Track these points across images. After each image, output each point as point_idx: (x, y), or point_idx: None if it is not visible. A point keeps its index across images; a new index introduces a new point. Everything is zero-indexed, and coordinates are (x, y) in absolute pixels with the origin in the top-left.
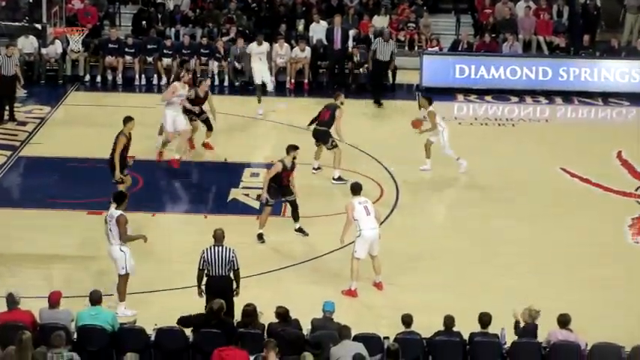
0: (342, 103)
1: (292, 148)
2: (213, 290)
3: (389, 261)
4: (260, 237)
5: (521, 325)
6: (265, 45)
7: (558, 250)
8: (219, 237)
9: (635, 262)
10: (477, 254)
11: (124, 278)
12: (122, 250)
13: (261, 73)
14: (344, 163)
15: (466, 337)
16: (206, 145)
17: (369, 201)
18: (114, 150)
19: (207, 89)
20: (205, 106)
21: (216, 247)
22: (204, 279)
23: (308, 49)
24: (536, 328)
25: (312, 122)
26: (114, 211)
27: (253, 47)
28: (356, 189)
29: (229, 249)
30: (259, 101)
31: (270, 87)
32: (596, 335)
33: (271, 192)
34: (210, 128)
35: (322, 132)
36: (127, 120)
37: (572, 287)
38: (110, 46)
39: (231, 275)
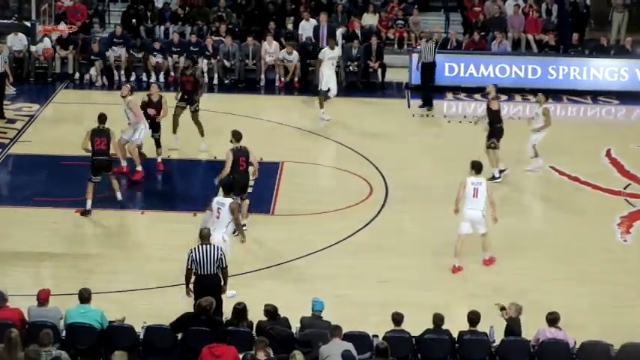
0: (488, 92)
1: (240, 135)
2: (202, 289)
3: (379, 258)
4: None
5: (506, 317)
6: (337, 50)
7: (546, 247)
8: (205, 235)
9: (623, 260)
10: (466, 251)
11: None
12: (225, 240)
13: (329, 79)
14: (340, 162)
15: (455, 335)
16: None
17: (484, 184)
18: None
19: (158, 92)
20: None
21: (203, 246)
22: (193, 278)
23: (295, 53)
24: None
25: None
26: (224, 199)
27: (326, 52)
28: (476, 167)
29: (217, 247)
30: (322, 106)
31: (332, 94)
32: (584, 333)
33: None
34: (158, 144)
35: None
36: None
37: (560, 285)
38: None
39: (219, 273)
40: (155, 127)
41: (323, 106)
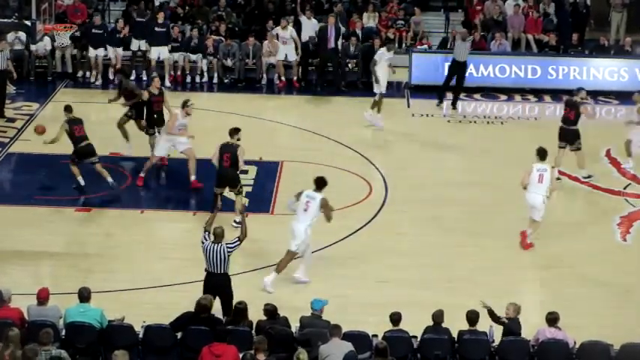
0: (582, 99)
1: (235, 131)
2: (210, 286)
3: (378, 258)
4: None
5: (505, 318)
6: (392, 52)
7: (547, 248)
8: (219, 235)
9: (623, 261)
10: (465, 252)
11: (290, 254)
12: (307, 232)
13: (385, 81)
14: (340, 162)
15: (454, 334)
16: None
17: (549, 170)
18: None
19: (159, 86)
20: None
21: (214, 245)
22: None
23: (290, 29)
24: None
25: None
26: (315, 193)
27: (383, 53)
28: (541, 154)
29: (224, 247)
30: (379, 110)
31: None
32: (584, 333)
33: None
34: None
35: (572, 132)
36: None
37: (560, 285)
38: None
39: (228, 272)
40: (160, 122)
41: (380, 110)
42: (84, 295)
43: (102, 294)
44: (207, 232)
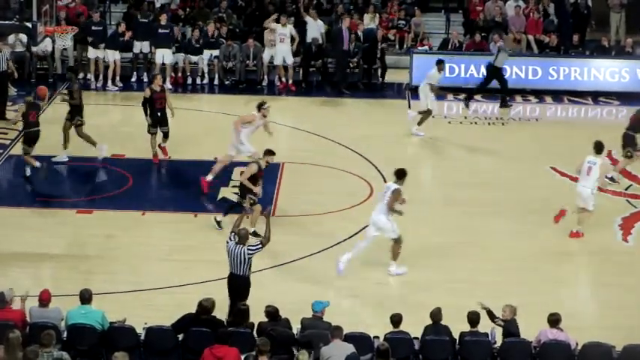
0: None
1: (269, 153)
2: (231, 287)
3: (379, 259)
4: (255, 234)
5: (501, 320)
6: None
7: (548, 248)
8: (242, 236)
9: (625, 262)
10: (466, 252)
11: (398, 241)
12: (389, 219)
13: (428, 99)
14: (341, 163)
15: (456, 335)
16: (163, 150)
17: (598, 164)
18: None
19: (161, 84)
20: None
21: (237, 246)
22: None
23: (290, 27)
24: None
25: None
26: (391, 184)
27: (435, 73)
28: (596, 147)
29: (245, 250)
30: (420, 123)
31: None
32: (586, 334)
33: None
34: (166, 136)
35: (630, 137)
36: None
37: (562, 286)
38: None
39: (248, 275)
40: (163, 121)
41: (422, 124)
42: (85, 297)
43: (103, 296)
44: (233, 233)
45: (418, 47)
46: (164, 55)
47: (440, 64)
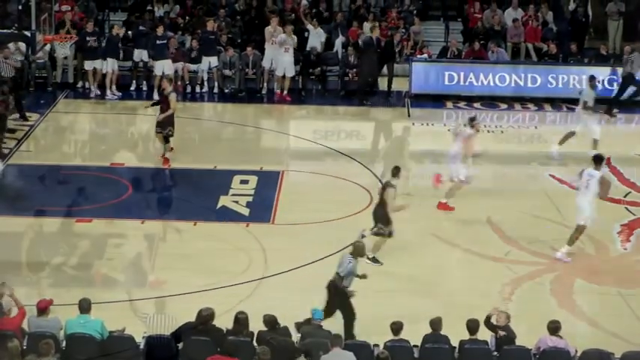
0: None
1: (398, 170)
2: (331, 294)
3: (379, 267)
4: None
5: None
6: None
7: (547, 256)
8: (356, 247)
9: (625, 269)
10: (466, 260)
11: (580, 229)
12: (591, 206)
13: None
14: (340, 171)
15: (455, 343)
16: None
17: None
18: None
19: (165, 87)
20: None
21: (347, 254)
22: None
23: (294, 37)
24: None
25: None
26: (594, 171)
27: (590, 93)
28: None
29: (348, 258)
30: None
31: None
32: (585, 341)
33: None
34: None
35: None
36: None
37: (561, 294)
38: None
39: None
40: (163, 125)
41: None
42: (84, 307)
43: (102, 305)
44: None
45: (417, 55)
46: (164, 67)
47: (592, 80)
